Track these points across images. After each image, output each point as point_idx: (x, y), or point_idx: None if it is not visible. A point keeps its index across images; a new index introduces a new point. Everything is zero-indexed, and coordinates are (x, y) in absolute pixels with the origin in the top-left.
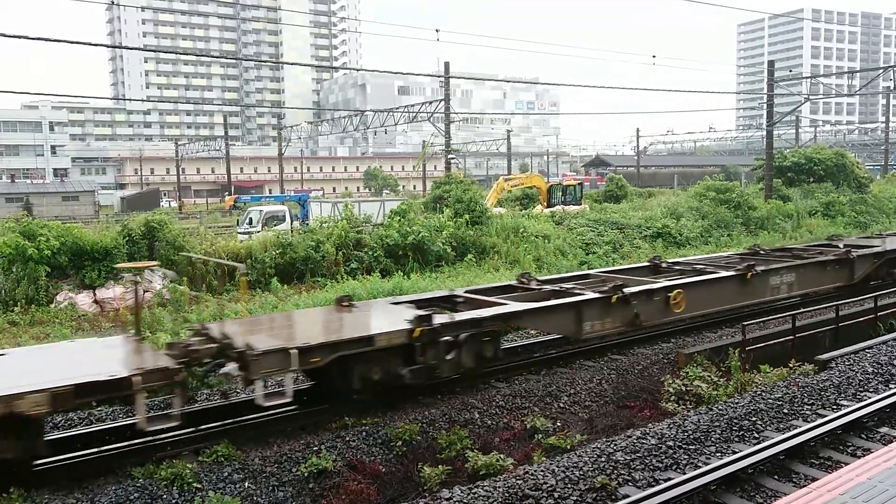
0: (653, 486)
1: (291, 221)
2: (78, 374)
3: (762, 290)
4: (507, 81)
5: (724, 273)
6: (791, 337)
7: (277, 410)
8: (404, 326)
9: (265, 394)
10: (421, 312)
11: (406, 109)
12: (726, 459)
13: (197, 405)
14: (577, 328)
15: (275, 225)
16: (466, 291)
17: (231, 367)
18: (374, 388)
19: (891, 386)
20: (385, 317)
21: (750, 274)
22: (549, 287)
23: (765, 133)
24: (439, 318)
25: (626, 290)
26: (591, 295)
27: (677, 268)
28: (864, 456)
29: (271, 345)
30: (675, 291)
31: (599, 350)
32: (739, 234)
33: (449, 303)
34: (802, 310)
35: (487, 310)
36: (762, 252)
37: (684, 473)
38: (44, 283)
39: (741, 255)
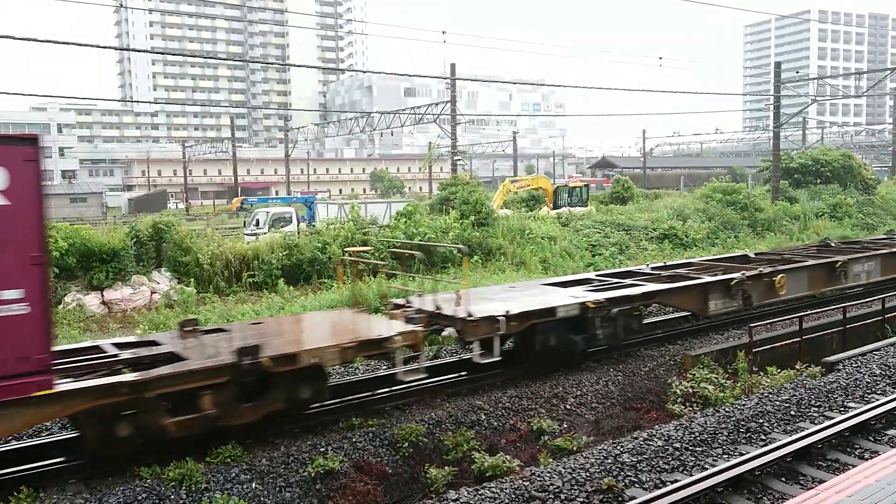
0: (659, 487)
1: (298, 223)
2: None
3: None
4: (513, 83)
5: None
6: (798, 339)
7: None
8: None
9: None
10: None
11: (412, 111)
12: (733, 461)
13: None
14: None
15: (281, 226)
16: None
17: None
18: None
19: None
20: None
21: None
22: None
23: (771, 134)
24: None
25: None
26: None
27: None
28: (872, 458)
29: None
30: None
31: (606, 351)
32: (746, 235)
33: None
34: (809, 311)
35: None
36: None
37: (691, 475)
38: (52, 284)
39: None
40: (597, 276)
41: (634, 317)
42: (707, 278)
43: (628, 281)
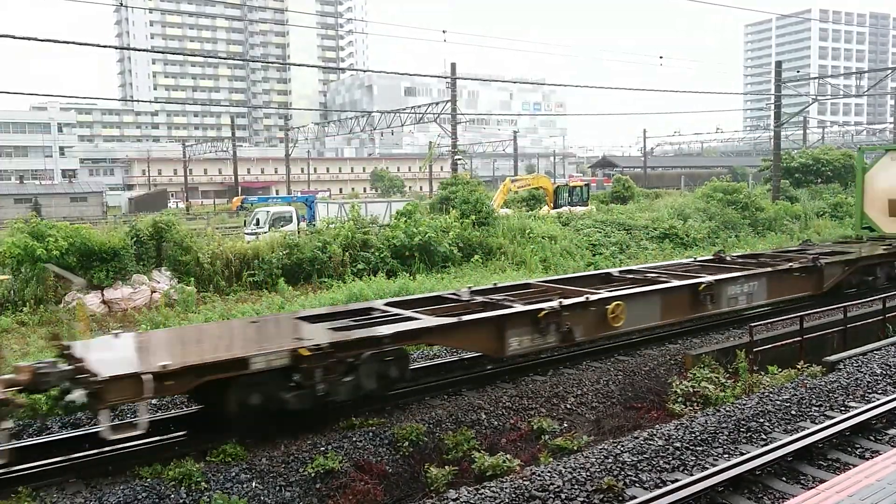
0: (660, 487)
1: (298, 222)
2: None
3: None
4: (514, 82)
5: None
6: (799, 338)
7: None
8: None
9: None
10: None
11: (413, 110)
12: (734, 461)
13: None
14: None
15: (282, 226)
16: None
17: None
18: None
19: None
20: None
21: None
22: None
23: (772, 134)
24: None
25: None
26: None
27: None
28: (873, 458)
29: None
30: None
31: (606, 351)
32: (747, 235)
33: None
34: (810, 311)
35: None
36: None
37: (691, 475)
38: (52, 283)
39: None
40: (385, 303)
41: (393, 362)
42: (513, 309)
43: (407, 313)
